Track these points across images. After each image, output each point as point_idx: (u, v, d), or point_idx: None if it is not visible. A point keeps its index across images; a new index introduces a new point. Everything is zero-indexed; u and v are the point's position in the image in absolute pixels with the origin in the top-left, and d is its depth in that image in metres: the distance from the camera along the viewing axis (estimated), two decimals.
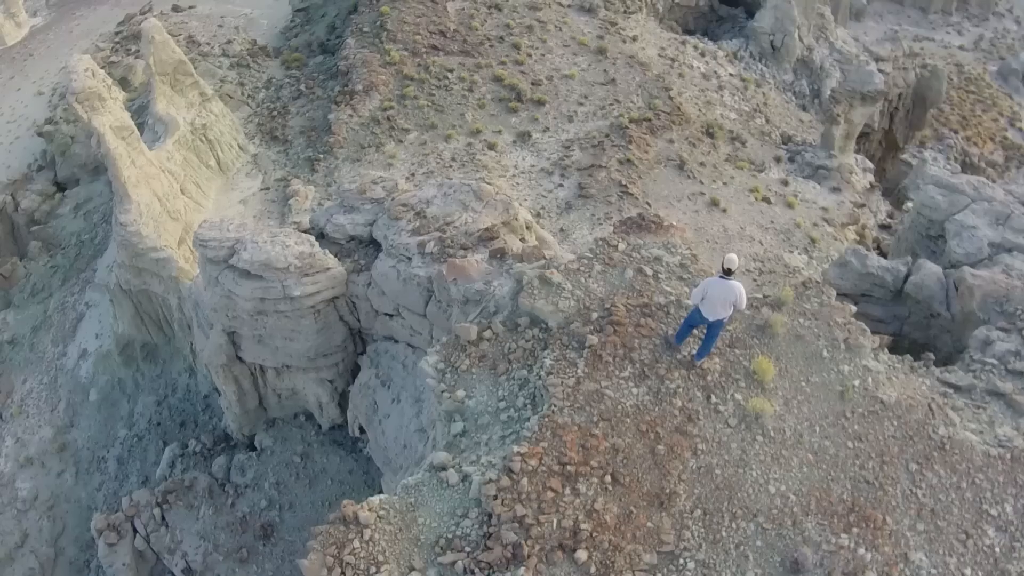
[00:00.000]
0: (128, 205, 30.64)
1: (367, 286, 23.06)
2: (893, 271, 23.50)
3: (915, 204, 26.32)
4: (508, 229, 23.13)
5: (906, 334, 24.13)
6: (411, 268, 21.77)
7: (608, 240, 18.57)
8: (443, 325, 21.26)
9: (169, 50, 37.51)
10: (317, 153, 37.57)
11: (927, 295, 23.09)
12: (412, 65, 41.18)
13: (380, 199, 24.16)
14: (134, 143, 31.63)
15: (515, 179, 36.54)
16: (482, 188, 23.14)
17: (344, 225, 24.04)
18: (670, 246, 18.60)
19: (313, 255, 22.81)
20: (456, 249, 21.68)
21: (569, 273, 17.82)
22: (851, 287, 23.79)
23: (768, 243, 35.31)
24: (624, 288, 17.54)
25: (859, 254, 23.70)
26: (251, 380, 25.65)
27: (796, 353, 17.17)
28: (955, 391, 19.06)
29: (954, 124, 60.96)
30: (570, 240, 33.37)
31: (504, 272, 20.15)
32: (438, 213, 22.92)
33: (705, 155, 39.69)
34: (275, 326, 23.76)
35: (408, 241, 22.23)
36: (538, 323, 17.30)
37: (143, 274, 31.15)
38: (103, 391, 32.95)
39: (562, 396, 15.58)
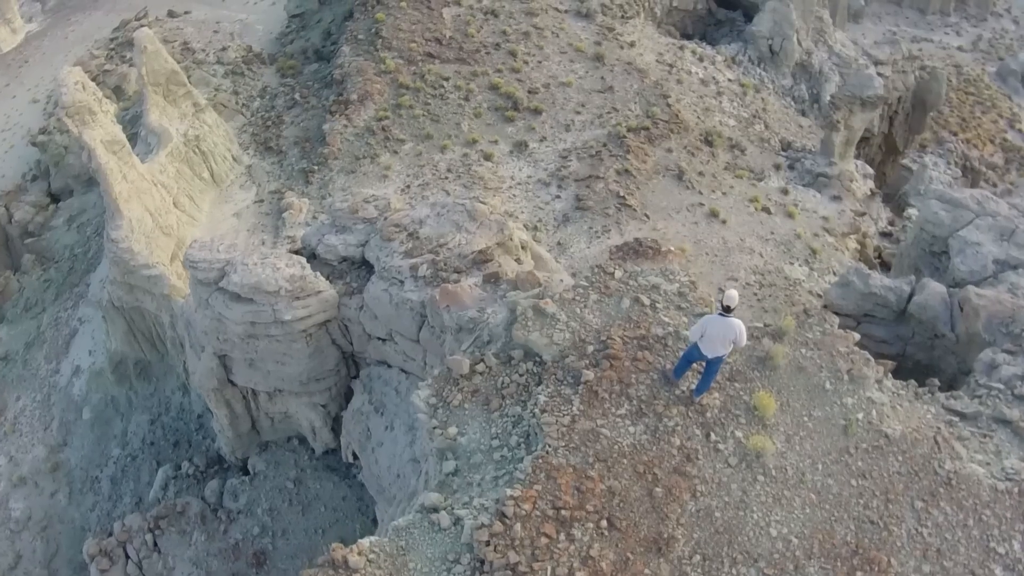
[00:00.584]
0: (119, 221, 30.07)
1: (359, 309, 22.49)
2: (896, 291, 22.90)
3: (918, 219, 25.72)
4: (503, 250, 22.55)
5: (910, 355, 23.55)
6: (403, 292, 21.19)
7: (604, 267, 17.99)
8: (436, 351, 20.70)
9: (161, 60, 36.87)
10: (311, 164, 36.96)
11: (931, 316, 22.51)
12: (407, 73, 40.54)
13: (372, 219, 23.57)
14: (125, 157, 31.03)
15: (512, 190, 35.93)
16: (476, 208, 22.55)
17: (336, 246, 23.46)
18: (668, 273, 18.02)
19: (304, 278, 22.23)
20: (449, 273, 21.11)
21: (564, 303, 17.25)
22: (853, 307, 23.20)
23: (768, 255, 34.69)
24: (621, 319, 16.96)
25: (861, 273, 23.11)
26: (243, 403, 25.11)
27: (798, 386, 16.61)
28: (961, 419, 18.50)
29: (953, 126, 60.34)
30: (567, 254, 32.79)
31: (498, 299, 19.57)
32: (431, 234, 22.33)
33: (704, 164, 39.07)
34: (266, 350, 23.20)
35: (400, 264, 21.65)
36: (532, 356, 16.73)
37: (135, 291, 30.61)
38: (96, 409, 32.42)
39: (556, 436, 15.02)
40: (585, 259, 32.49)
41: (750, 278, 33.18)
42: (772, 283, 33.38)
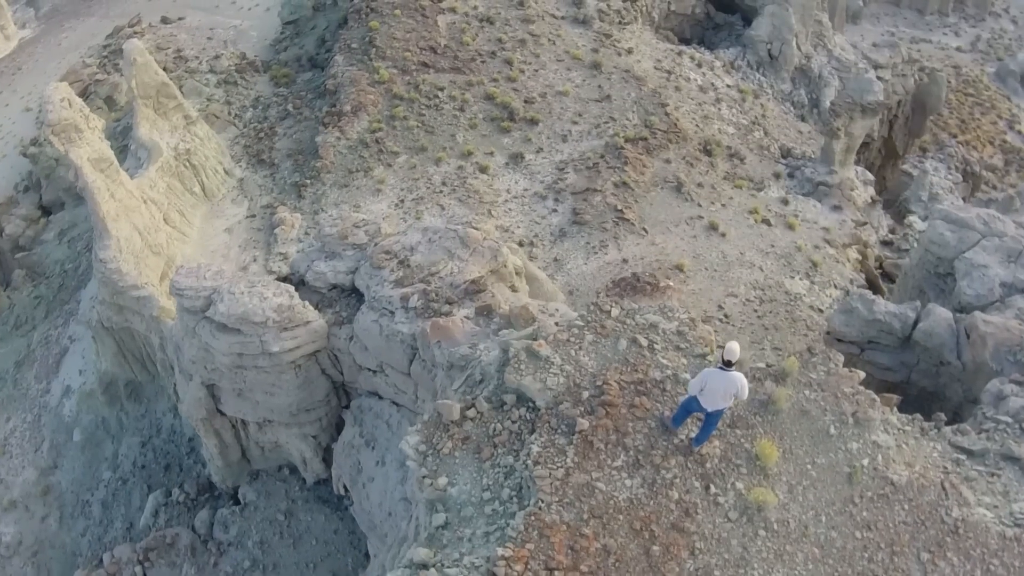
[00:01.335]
0: (107, 241, 29.29)
1: (349, 340, 21.75)
2: (901, 317, 22.14)
3: (923, 240, 24.93)
4: (496, 277, 21.80)
5: (914, 382, 22.80)
6: (394, 324, 20.44)
7: (600, 305, 17.22)
8: (428, 386, 19.98)
9: (151, 72, 36.02)
10: (304, 178, 36.12)
11: (937, 343, 21.75)
12: (402, 83, 39.65)
13: (362, 244, 22.81)
14: (113, 175, 30.22)
15: (507, 204, 35.12)
16: (468, 234, 21.77)
17: (325, 273, 22.70)
18: (667, 311, 17.25)
19: (292, 308, 21.47)
20: (441, 304, 20.35)
21: (558, 344, 16.49)
22: (857, 334, 22.45)
23: (768, 268, 33.90)
24: (617, 361, 16.19)
25: (865, 300, 22.33)
26: (233, 433, 24.40)
27: (801, 431, 15.86)
28: (968, 456, 17.76)
29: (953, 128, 59.49)
30: (564, 271, 32.01)
31: (491, 333, 18.83)
32: (422, 262, 21.56)
33: (703, 175, 38.24)
34: (255, 380, 22.46)
35: (391, 294, 20.89)
36: (525, 402, 15.98)
37: (124, 311, 29.87)
38: (87, 431, 31.72)
39: (550, 490, 14.28)
40: (582, 276, 31.79)
41: (750, 293, 32.40)
42: (772, 298, 32.61)
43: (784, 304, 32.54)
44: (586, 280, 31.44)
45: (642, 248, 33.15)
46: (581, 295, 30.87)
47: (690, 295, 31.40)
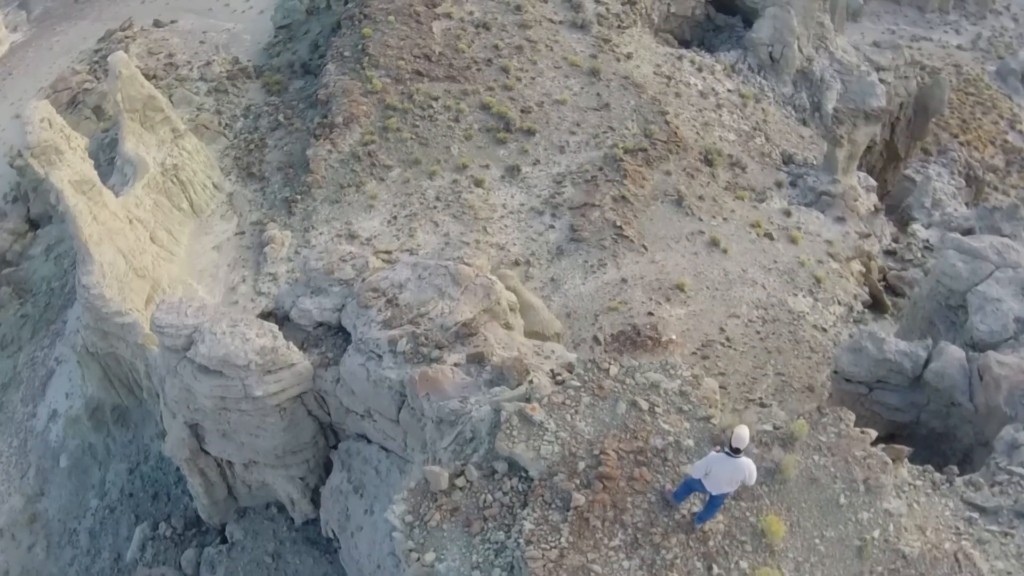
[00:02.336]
0: (90, 266, 28.01)
1: (336, 382, 20.53)
2: (912, 356, 20.91)
3: (934, 271, 23.63)
4: (490, 315, 20.54)
5: (924, 422, 21.61)
6: (382, 369, 19.21)
7: (599, 363, 15.95)
8: (417, 435, 18.76)
9: (137, 85, 34.62)
10: (294, 193, 34.79)
11: (948, 384, 20.53)
12: (395, 93, 38.20)
13: (349, 280, 21.53)
14: (96, 197, 28.91)
15: (503, 220, 33.81)
16: (460, 271, 20.50)
17: (311, 311, 21.43)
18: (668, 367, 15.98)
19: (275, 350, 20.23)
20: (431, 348, 19.11)
21: (553, 408, 15.24)
22: (865, 374, 21.23)
23: (771, 286, 32.64)
24: (616, 427, 14.96)
25: (875, 339, 21.08)
26: (218, 472, 23.24)
27: (810, 501, 14.65)
28: (980, 514, 16.62)
29: (954, 128, 58.06)
30: (561, 291, 30.76)
31: (482, 385, 17.61)
32: (411, 301, 20.30)
33: (704, 186, 36.88)
34: (239, 422, 21.27)
35: (378, 336, 19.64)
36: (518, 471, 14.77)
37: (109, 337, 28.63)
38: (73, 456, 30.58)
39: (543, 572, 13.09)
40: (580, 297, 30.55)
41: (752, 313, 31.18)
42: (775, 318, 31.39)
43: (787, 324, 31.33)
44: (584, 302, 30.20)
45: (641, 266, 31.88)
46: (579, 317, 29.69)
47: (691, 317, 30.22)
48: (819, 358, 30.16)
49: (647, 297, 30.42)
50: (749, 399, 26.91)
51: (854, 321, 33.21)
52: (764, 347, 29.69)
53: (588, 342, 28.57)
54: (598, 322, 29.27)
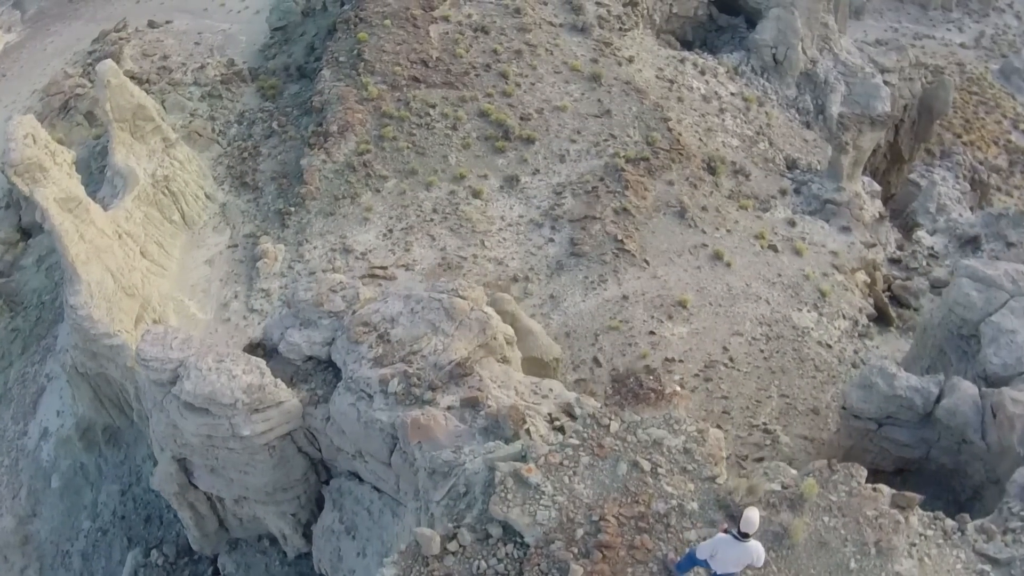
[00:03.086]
0: (78, 286, 26.95)
1: (326, 421, 19.55)
2: (923, 392, 19.87)
3: (946, 299, 22.53)
4: (486, 351, 19.52)
5: (934, 458, 20.61)
6: (373, 410, 18.22)
7: (599, 418, 14.94)
8: (409, 479, 17.79)
9: (127, 94, 33.42)
10: (288, 205, 33.62)
11: (960, 422, 19.51)
12: (391, 100, 36.94)
13: (339, 312, 20.49)
14: (82, 214, 27.80)
15: (502, 233, 32.66)
16: (454, 305, 19.45)
17: (299, 344, 20.41)
18: (672, 422, 14.95)
19: (263, 388, 19.23)
20: (423, 389, 18.11)
21: (550, 469, 14.23)
22: (875, 410, 20.21)
23: (775, 301, 31.55)
24: (616, 490, 13.95)
25: (886, 373, 20.04)
26: (208, 505, 22.33)
27: (819, 567, 13.68)
28: (993, 567, 15.67)
29: (957, 128, 56.78)
30: (561, 309, 29.66)
31: (476, 434, 16.62)
32: (404, 336, 19.26)
33: (707, 196, 35.68)
34: (227, 459, 20.31)
35: (369, 375, 18.63)
36: (513, 536, 13.77)
37: (98, 358, 27.61)
38: (65, 476, 29.68)
39: None
40: (580, 315, 29.47)
41: (756, 331, 30.11)
42: (779, 334, 30.32)
43: (791, 341, 30.27)
44: (584, 320, 29.13)
45: (643, 282, 30.78)
46: (578, 337, 28.64)
47: (694, 335, 29.17)
48: (824, 377, 29.14)
49: (648, 315, 29.34)
50: (753, 424, 25.93)
51: (859, 335, 32.15)
52: (768, 367, 28.64)
53: (588, 364, 27.55)
54: (598, 342, 28.22)
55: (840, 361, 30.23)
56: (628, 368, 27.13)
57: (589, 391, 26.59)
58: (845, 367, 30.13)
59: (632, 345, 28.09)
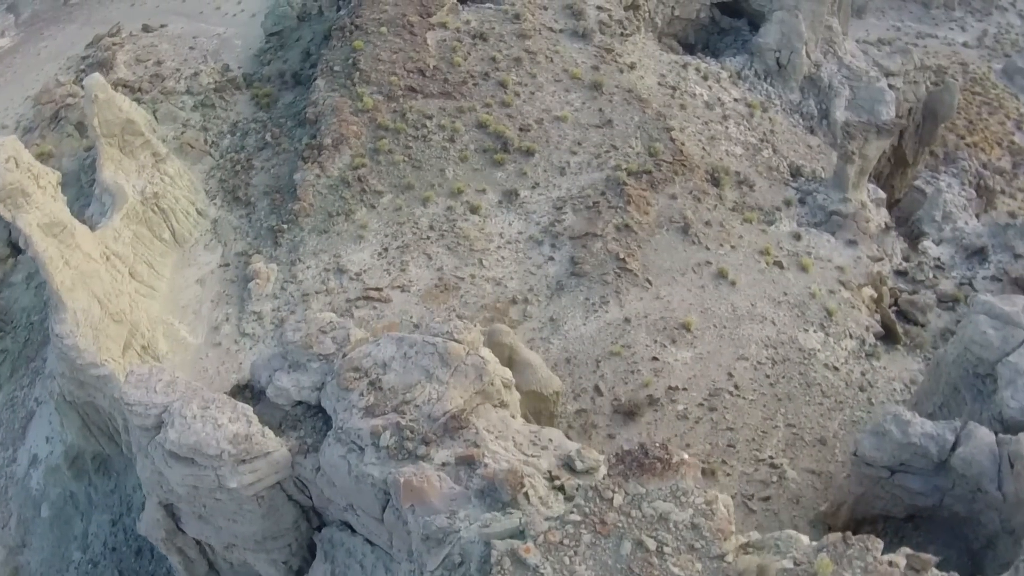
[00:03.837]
0: (63, 314, 25.79)
1: (316, 471, 18.42)
2: (939, 440, 18.73)
3: (962, 336, 21.30)
4: (482, 397, 18.35)
5: (947, 506, 19.47)
6: (364, 464, 17.08)
7: (601, 491, 13.78)
8: (403, 537, 16.67)
9: (115, 109, 32.09)
10: (281, 222, 32.34)
11: (976, 471, 18.38)
12: (387, 111, 35.58)
13: (329, 355, 19.31)
14: (67, 239, 26.57)
15: (500, 251, 31.41)
16: (449, 350, 18.26)
17: (288, 389, 19.24)
18: (679, 494, 13.79)
19: (249, 438, 18.09)
20: (417, 443, 16.94)
21: (549, 548, 13.09)
22: (888, 459, 19.07)
23: (781, 321, 30.33)
24: (620, 571, 12.80)
25: (900, 420, 18.88)
26: (198, 549, 21.26)
27: None
28: None
29: (960, 129, 55.38)
30: (561, 333, 28.45)
31: (471, 497, 15.46)
32: (396, 384, 18.08)
33: (711, 210, 34.36)
34: (215, 507, 19.21)
35: (360, 426, 17.47)
36: None
37: (86, 387, 26.53)
38: (55, 506, 28.65)
39: None
40: (581, 340, 28.28)
41: (761, 354, 28.91)
42: (786, 357, 29.13)
43: (798, 364, 29.08)
44: (585, 345, 27.93)
45: (646, 303, 29.56)
46: (579, 363, 27.46)
47: (698, 361, 27.99)
48: (831, 403, 27.97)
49: (651, 339, 28.16)
50: (759, 459, 24.79)
51: (866, 355, 30.90)
52: (774, 393, 27.48)
53: (589, 392, 26.40)
54: (600, 369, 27.06)
55: (847, 385, 29.06)
56: (630, 398, 26.01)
57: (590, 423, 25.52)
58: (852, 391, 28.98)
59: (634, 372, 26.92)
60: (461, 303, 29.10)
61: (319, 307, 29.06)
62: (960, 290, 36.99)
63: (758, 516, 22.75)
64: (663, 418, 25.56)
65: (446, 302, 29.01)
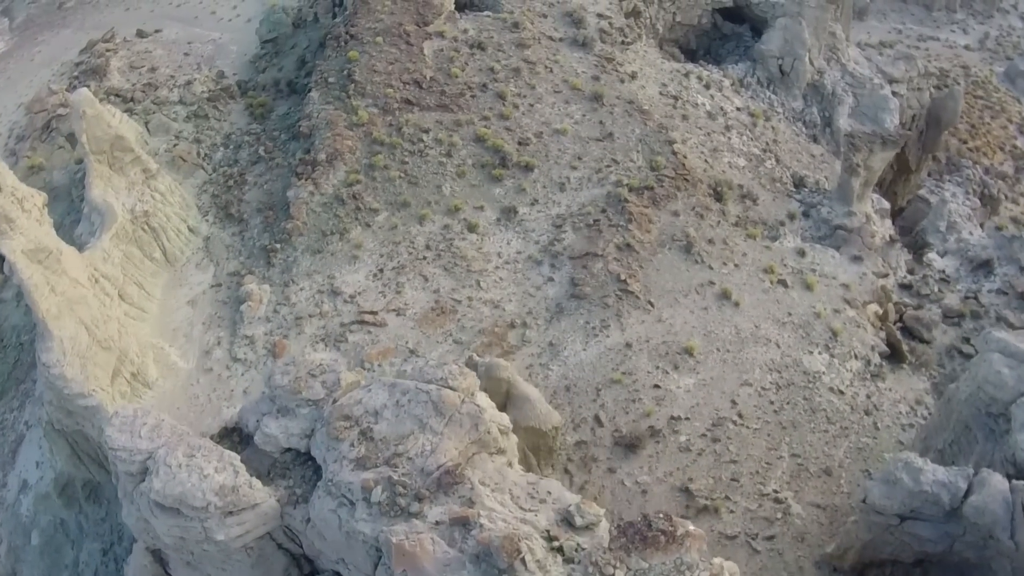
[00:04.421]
0: (49, 343, 24.87)
1: (306, 522, 17.54)
2: (951, 488, 17.85)
3: (974, 375, 20.37)
4: (479, 446, 17.45)
5: (957, 551, 18.62)
6: (355, 520, 16.21)
7: (602, 567, 12.92)
8: None
9: (104, 124, 31.05)
10: (274, 241, 31.32)
11: (989, 520, 17.51)
12: (382, 125, 34.51)
13: (319, 400, 18.39)
14: (53, 265, 25.58)
15: (498, 272, 30.44)
16: (443, 398, 17.34)
17: (276, 436, 18.33)
18: (684, 568, 12.91)
19: (237, 489, 17.21)
20: (410, 499, 16.06)
21: None
22: (899, 506, 18.19)
23: (785, 343, 29.40)
24: None
25: (911, 468, 17.99)
26: None
27: None
28: None
29: (963, 134, 54.20)
30: (560, 359, 27.51)
31: (466, 562, 14.59)
32: (388, 434, 17.18)
33: (714, 227, 33.34)
34: (203, 556, 18.35)
35: (351, 479, 16.59)
36: None
37: (74, 416, 25.65)
38: (46, 533, 27.82)
39: None
40: (581, 366, 27.35)
41: (765, 379, 28.00)
42: (790, 382, 28.23)
43: (802, 388, 28.18)
44: (585, 372, 27.00)
45: (647, 327, 28.61)
46: (579, 391, 26.54)
47: (701, 387, 27.07)
48: (836, 430, 27.08)
49: (653, 365, 27.24)
50: (763, 494, 23.91)
51: (872, 376, 29.99)
52: (778, 421, 26.58)
53: (589, 422, 25.49)
54: (600, 398, 26.14)
55: (852, 409, 28.16)
56: (631, 429, 25.11)
57: (590, 456, 24.63)
58: (858, 415, 28.08)
59: (636, 401, 26.01)
60: (458, 327, 28.16)
61: (312, 331, 28.17)
62: (966, 304, 36.07)
63: (762, 557, 21.90)
64: (665, 450, 24.67)
65: (443, 326, 28.07)
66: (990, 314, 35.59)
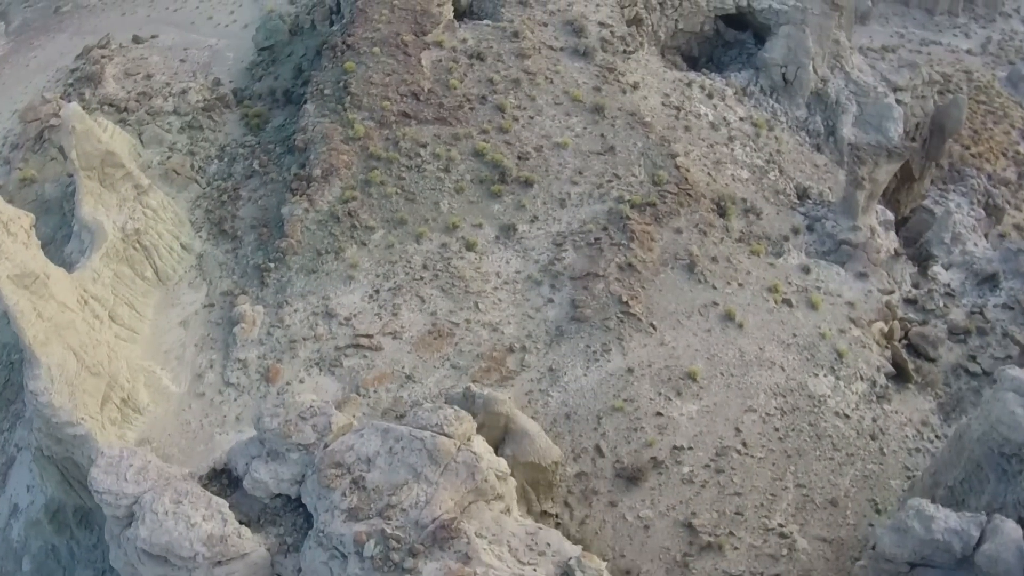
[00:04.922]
0: (37, 370, 24.11)
1: (296, 572, 16.81)
2: (963, 536, 17.09)
3: (988, 414, 19.57)
4: (475, 495, 16.70)
5: None
6: (347, 575, 15.47)
7: None
8: None
9: (94, 140, 30.22)
10: (268, 260, 30.50)
11: (1002, 569, 16.76)
12: (379, 139, 33.63)
13: (310, 444, 17.62)
14: (40, 290, 24.77)
15: (497, 293, 29.62)
16: (439, 446, 16.59)
17: (266, 481, 17.59)
18: None
19: (225, 539, 16.49)
20: (403, 554, 15.33)
21: None
22: (910, 554, 17.44)
23: (790, 366, 28.62)
24: None
25: (923, 515, 17.23)
26: None
27: None
28: None
29: (966, 140, 53.34)
30: (560, 384, 26.72)
31: None
32: (381, 483, 16.44)
33: (717, 244, 32.49)
34: None
35: (343, 531, 15.86)
36: None
37: (63, 443, 24.91)
38: (37, 560, 27.15)
39: None
40: (581, 392, 26.59)
41: (770, 404, 27.24)
42: (795, 407, 27.48)
43: (807, 413, 27.43)
44: (585, 399, 26.21)
45: (650, 351, 27.81)
46: (579, 420, 25.77)
47: (704, 415, 26.31)
48: (842, 457, 26.36)
49: (656, 391, 26.47)
50: (768, 528, 23.19)
51: (878, 398, 29.27)
52: (783, 449, 25.85)
53: (590, 453, 24.73)
54: (601, 426, 25.37)
55: (858, 434, 27.45)
56: (633, 460, 24.36)
57: (591, 488, 23.88)
58: (864, 440, 27.39)
59: (638, 430, 25.25)
60: (455, 351, 27.38)
61: (307, 355, 27.41)
62: (971, 320, 35.35)
63: None
64: (668, 482, 23.92)
65: (440, 350, 27.30)
66: (996, 330, 34.86)
